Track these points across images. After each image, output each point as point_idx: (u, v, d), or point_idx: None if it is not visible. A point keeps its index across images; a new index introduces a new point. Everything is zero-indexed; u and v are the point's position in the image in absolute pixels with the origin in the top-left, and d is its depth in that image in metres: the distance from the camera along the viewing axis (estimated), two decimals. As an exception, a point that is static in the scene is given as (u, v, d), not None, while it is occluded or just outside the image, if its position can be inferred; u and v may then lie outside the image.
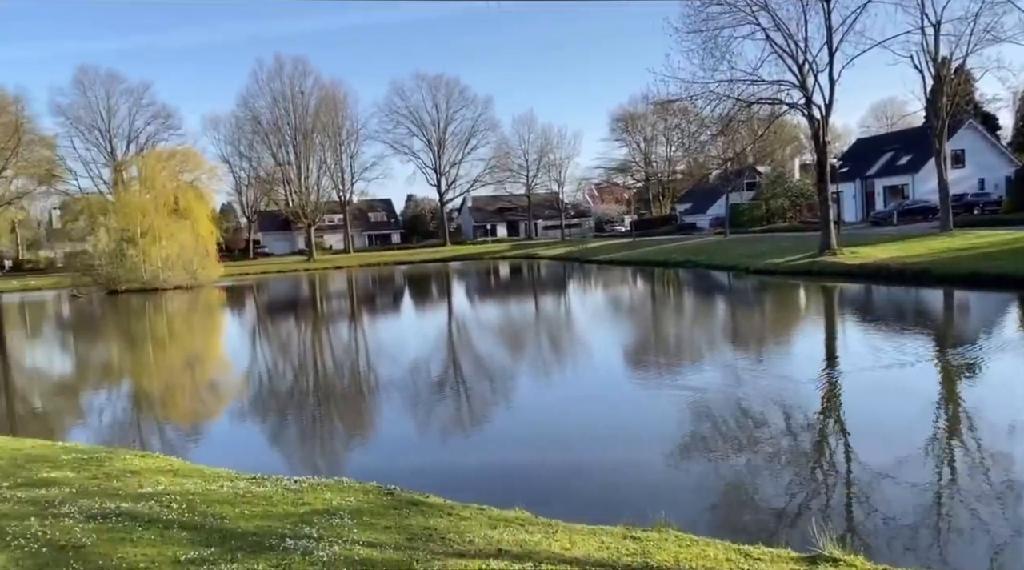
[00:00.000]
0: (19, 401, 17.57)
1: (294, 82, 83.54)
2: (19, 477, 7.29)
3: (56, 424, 14.17)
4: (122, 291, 50.40)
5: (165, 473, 7.74)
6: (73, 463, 8.07)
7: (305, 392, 16.20)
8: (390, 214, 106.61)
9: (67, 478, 7.32)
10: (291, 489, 6.93)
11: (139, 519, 5.72)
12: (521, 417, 12.49)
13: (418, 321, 30.41)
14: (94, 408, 15.96)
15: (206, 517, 5.83)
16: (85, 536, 5.25)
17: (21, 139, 78.62)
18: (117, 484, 7.09)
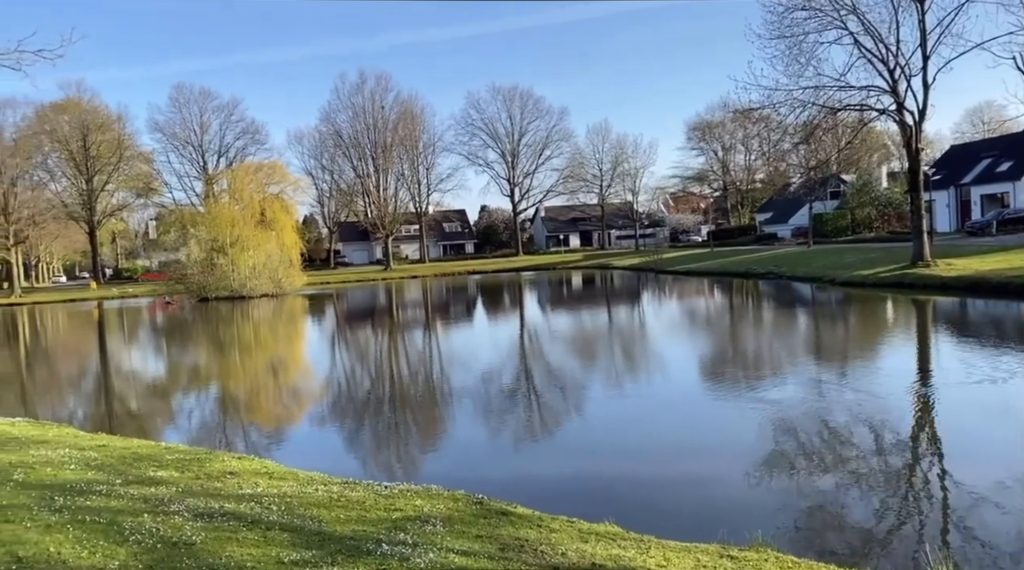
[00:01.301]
0: (118, 402, 18.61)
1: (375, 97, 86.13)
2: (130, 475, 7.70)
3: (151, 425, 14.93)
4: (212, 299, 52.78)
5: (262, 475, 8.02)
6: (177, 463, 8.46)
7: (384, 398, 16.53)
8: (464, 224, 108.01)
9: (172, 477, 7.68)
10: (382, 494, 7.06)
11: (242, 519, 5.94)
12: (598, 427, 12.37)
13: (491, 330, 30.61)
14: (187, 410, 16.75)
15: (304, 520, 6.00)
16: (194, 534, 5.49)
17: (123, 155, 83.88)
18: (218, 485, 7.39)
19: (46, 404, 18.30)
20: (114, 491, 6.85)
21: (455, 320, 35.79)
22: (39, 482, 7.19)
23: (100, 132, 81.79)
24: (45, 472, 7.66)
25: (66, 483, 7.15)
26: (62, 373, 24.94)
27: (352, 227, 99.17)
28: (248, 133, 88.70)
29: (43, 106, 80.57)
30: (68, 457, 8.55)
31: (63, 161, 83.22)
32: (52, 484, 7.11)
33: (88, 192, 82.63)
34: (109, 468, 8.05)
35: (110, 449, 9.36)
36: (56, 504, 6.31)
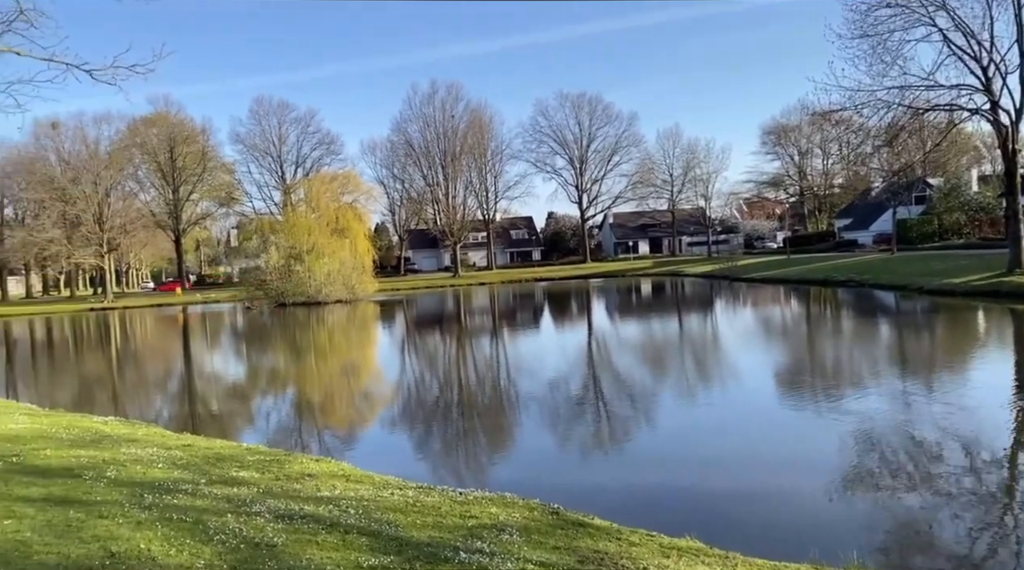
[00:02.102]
0: (200, 403, 19.32)
1: (446, 106, 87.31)
2: (213, 475, 7.91)
3: (232, 425, 15.40)
4: (289, 304, 54.42)
5: (339, 478, 8.11)
6: (257, 464, 8.66)
7: (452, 403, 16.58)
8: (531, 231, 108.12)
9: (253, 478, 7.85)
10: (457, 501, 7.02)
11: (321, 522, 5.99)
12: (671, 437, 12.06)
13: (558, 337, 30.42)
14: (265, 412, 17.24)
15: (381, 524, 6.00)
16: (276, 535, 5.56)
17: (206, 166, 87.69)
18: (297, 486, 7.51)
19: (135, 404, 19.16)
20: (199, 490, 7.03)
21: (522, 327, 35.78)
22: (130, 479, 7.46)
23: (186, 144, 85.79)
24: (135, 470, 7.95)
25: (155, 481, 7.39)
26: (149, 375, 26.12)
27: (421, 234, 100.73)
28: (324, 144, 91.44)
29: (134, 120, 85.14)
30: (156, 456, 8.87)
31: (152, 172, 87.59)
32: (142, 482, 7.36)
33: (174, 202, 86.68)
34: (194, 467, 8.30)
35: (195, 449, 9.66)
36: (146, 501, 6.51)
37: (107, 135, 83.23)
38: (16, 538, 5.44)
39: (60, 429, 10.88)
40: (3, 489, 6.89)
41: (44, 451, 8.79)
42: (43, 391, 21.96)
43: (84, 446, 9.37)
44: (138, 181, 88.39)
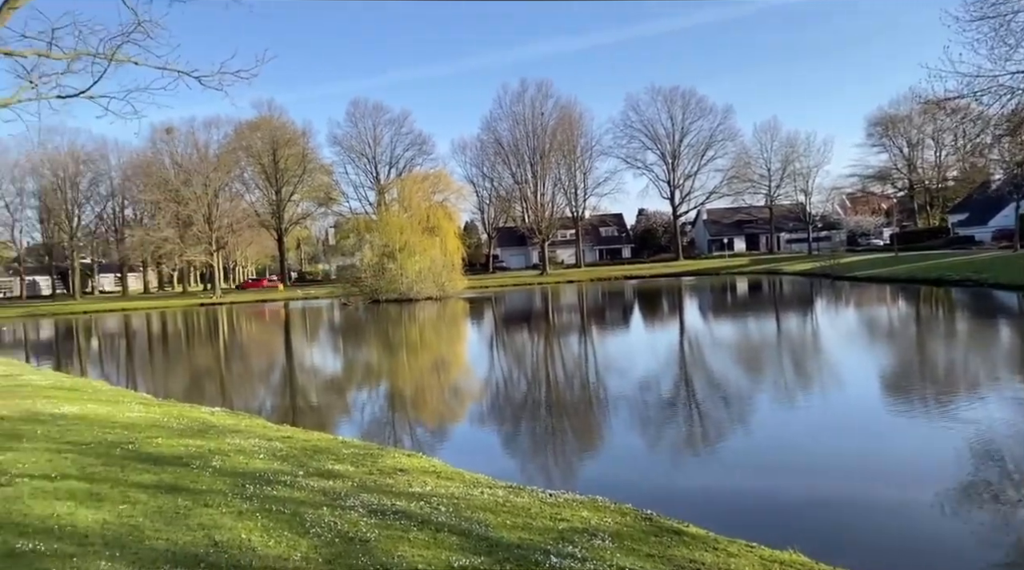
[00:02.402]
0: (299, 395, 20.05)
1: (535, 104, 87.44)
2: (310, 467, 8.13)
3: (328, 418, 15.89)
4: (382, 301, 55.94)
5: (430, 474, 8.17)
6: (352, 457, 8.85)
7: (541, 402, 16.49)
8: (621, 228, 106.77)
9: (348, 471, 8.02)
10: (547, 502, 6.92)
11: (413, 519, 6.02)
12: (768, 442, 11.51)
13: (648, 336, 29.79)
14: (360, 405, 17.70)
15: (472, 523, 5.97)
16: (369, 531, 5.62)
17: (306, 167, 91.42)
18: (390, 481, 7.60)
19: (239, 395, 20.10)
20: (297, 482, 7.23)
21: (611, 325, 35.30)
22: (233, 470, 7.76)
23: (287, 147, 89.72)
24: (239, 460, 8.27)
25: (256, 472, 7.67)
26: (253, 367, 27.38)
27: (510, 232, 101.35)
28: (416, 144, 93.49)
29: (240, 124, 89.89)
30: (258, 447, 9.21)
31: (256, 174, 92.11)
32: (244, 472, 7.64)
33: (277, 202, 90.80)
34: (292, 459, 8.56)
35: (294, 441, 9.98)
36: (247, 492, 6.75)
37: (216, 139, 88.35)
38: (130, 523, 5.73)
39: (171, 418, 11.50)
40: (120, 475, 7.31)
41: (156, 439, 9.30)
42: (157, 381, 23.39)
43: (192, 435, 9.85)
44: (244, 182, 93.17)
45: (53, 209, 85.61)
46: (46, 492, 6.62)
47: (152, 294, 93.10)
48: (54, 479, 7.08)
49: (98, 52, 12.44)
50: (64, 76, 12.97)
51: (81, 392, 14.95)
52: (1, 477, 7.07)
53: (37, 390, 14.65)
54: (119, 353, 35.50)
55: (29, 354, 34.20)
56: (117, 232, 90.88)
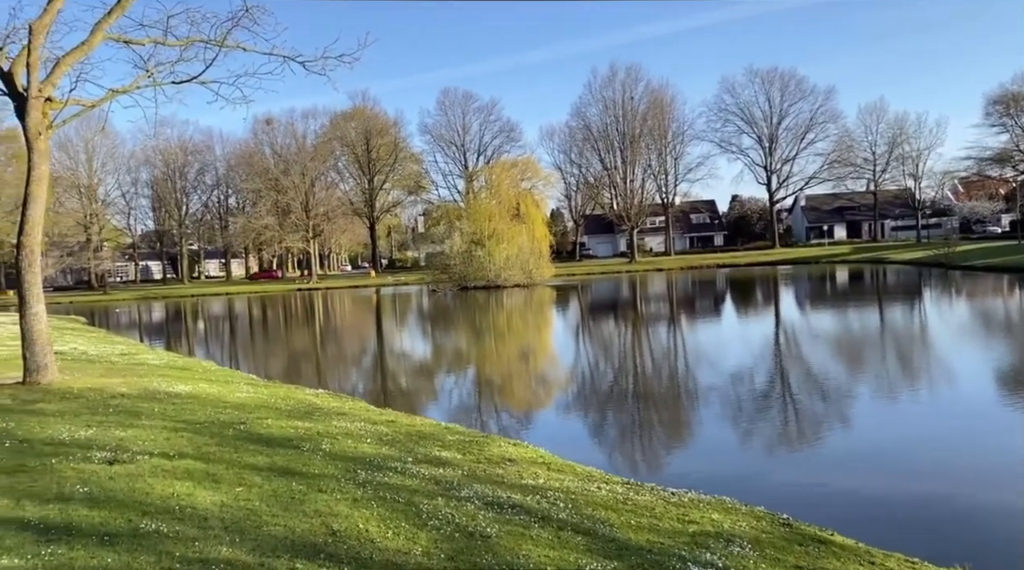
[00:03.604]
0: (394, 378, 20.20)
1: (626, 88, 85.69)
2: (418, 453, 7.93)
3: (424, 402, 15.86)
4: (471, 288, 56.31)
5: (539, 465, 7.82)
6: (458, 444, 8.62)
7: (638, 393, 15.88)
8: (713, 215, 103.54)
9: (456, 459, 7.77)
10: (671, 502, 6.43)
11: (532, 514, 5.68)
12: (890, 443, 10.55)
13: (741, 327, 28.45)
14: (454, 390, 17.61)
15: (595, 522, 5.57)
16: (488, 526, 5.31)
17: (398, 156, 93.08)
18: (500, 471, 7.30)
19: (337, 377, 20.46)
20: (407, 469, 7.03)
21: (703, 315, 34.03)
22: (343, 454, 7.66)
23: (380, 136, 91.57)
24: (347, 444, 8.17)
25: (365, 457, 7.53)
26: (350, 350, 27.95)
27: (597, 220, 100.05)
28: (504, 131, 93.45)
29: (336, 115, 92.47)
30: (364, 430, 9.12)
31: (350, 163, 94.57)
32: (354, 457, 7.52)
33: (369, 191, 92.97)
34: (399, 444, 8.41)
35: (398, 425, 9.86)
36: (359, 478, 6.59)
37: (313, 129, 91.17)
38: (247, 507, 5.65)
39: (278, 399, 11.66)
40: (234, 456, 7.32)
41: (266, 420, 9.36)
42: (260, 362, 24.16)
43: (300, 417, 9.89)
44: (338, 172, 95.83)
45: (164, 198, 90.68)
46: (165, 471, 6.67)
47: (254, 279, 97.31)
48: (172, 458, 7.15)
49: (210, 39, 12.70)
50: (177, 64, 13.33)
51: (192, 372, 15.49)
52: (123, 454, 7.21)
53: (152, 369, 15.28)
54: (223, 335, 37.12)
55: (143, 334, 36.23)
56: (221, 220, 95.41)
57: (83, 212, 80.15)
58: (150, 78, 13.29)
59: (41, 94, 10.94)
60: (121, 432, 8.28)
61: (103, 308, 61.26)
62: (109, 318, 49.30)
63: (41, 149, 11.02)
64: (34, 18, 10.89)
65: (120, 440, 7.86)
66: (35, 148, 10.97)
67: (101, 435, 8.11)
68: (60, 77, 11.27)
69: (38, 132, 10.98)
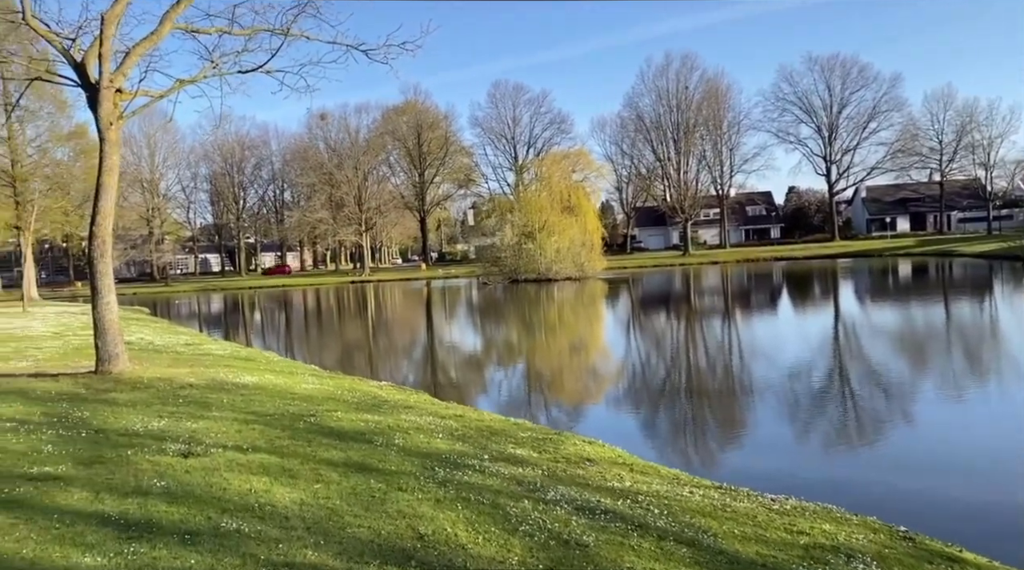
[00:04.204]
0: (455, 371, 19.98)
1: (680, 78, 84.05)
2: (492, 450, 7.62)
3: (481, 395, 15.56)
4: (521, 280, 55.99)
5: (620, 466, 7.42)
6: (531, 442, 8.27)
7: (706, 390, 15.24)
8: (770, 207, 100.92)
9: (532, 457, 7.43)
10: (773, 510, 5.96)
11: (627, 521, 5.29)
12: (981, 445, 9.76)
13: (805, 321, 27.31)
14: (511, 384, 17.28)
15: (696, 531, 5.15)
16: (583, 533, 4.95)
17: (448, 150, 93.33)
18: (580, 472, 6.93)
19: (395, 369, 20.34)
20: (485, 467, 6.71)
21: (762, 309, 32.93)
22: (416, 449, 7.39)
23: (431, 130, 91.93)
24: (419, 439, 7.91)
25: (440, 453, 7.25)
26: (404, 343, 27.90)
27: (648, 212, 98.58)
28: (555, 123, 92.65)
29: (387, 109, 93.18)
30: (434, 425, 8.86)
31: (401, 157, 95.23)
32: (428, 453, 7.24)
33: (420, 184, 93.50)
34: (471, 440, 8.11)
35: (466, 420, 9.58)
36: (438, 475, 6.30)
37: (365, 124, 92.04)
38: (327, 505, 5.40)
39: (344, 391, 11.51)
40: (308, 450, 7.12)
41: (336, 413, 9.18)
42: (317, 353, 24.28)
43: (368, 410, 9.69)
44: (390, 166, 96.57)
45: (222, 192, 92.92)
46: (240, 465, 6.49)
47: (307, 272, 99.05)
48: (246, 451, 6.99)
49: (275, 28, 12.60)
50: (241, 55, 13.28)
51: (256, 363, 15.53)
52: (197, 446, 7.08)
53: (217, 359, 15.37)
54: (281, 326, 37.62)
55: (202, 325, 37.00)
56: (277, 213, 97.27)
57: (145, 206, 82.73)
58: (215, 68, 13.29)
59: (112, 84, 10.98)
60: (193, 424, 8.19)
61: (164, 299, 63.03)
62: (170, 309, 50.62)
63: (112, 139, 11.07)
64: (106, 9, 10.92)
65: (193, 432, 7.76)
66: (106, 138, 11.02)
67: (174, 426, 8.03)
68: (130, 67, 11.30)
69: (109, 122, 11.02)
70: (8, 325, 24.67)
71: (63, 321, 26.88)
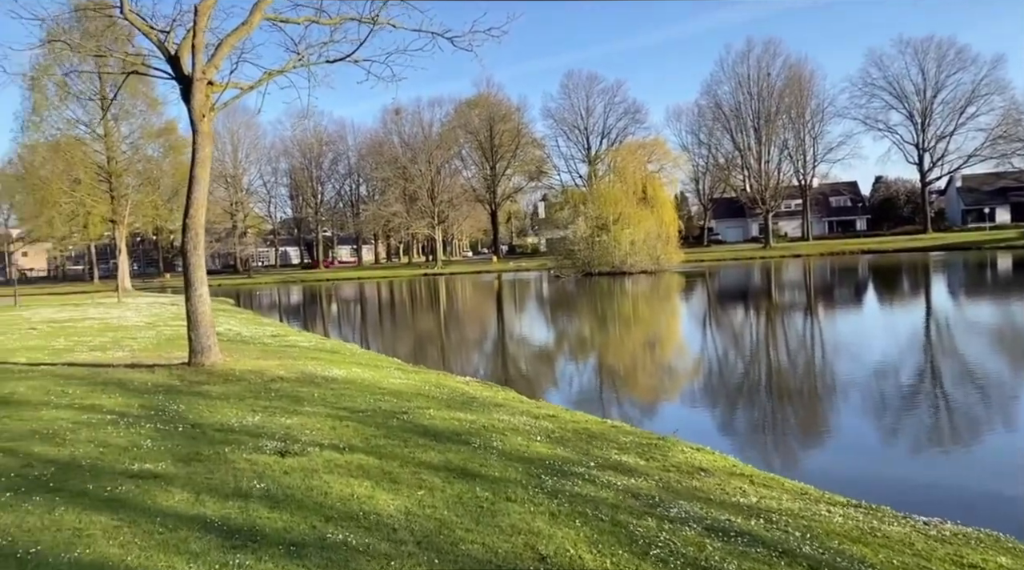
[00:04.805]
0: (530, 367, 19.53)
1: (761, 64, 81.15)
2: (595, 456, 7.12)
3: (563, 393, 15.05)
4: (595, 274, 55.17)
5: (738, 477, 6.81)
6: (635, 447, 7.73)
7: (812, 393, 14.30)
8: (855, 198, 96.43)
9: (639, 465, 6.91)
10: (930, 535, 5.25)
11: (769, 546, 4.70)
12: None
13: (912, 319, 25.58)
14: (594, 381, 16.70)
15: (851, 562, 4.52)
16: (723, 560, 4.40)
17: (520, 142, 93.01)
18: (696, 484, 6.37)
19: (474, 363, 20.05)
20: (594, 476, 6.23)
21: (860, 305, 31.13)
22: (517, 453, 6.97)
23: (503, 122, 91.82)
24: (517, 442, 7.49)
25: (542, 458, 6.80)
26: (483, 336, 27.66)
27: (726, 203, 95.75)
28: (629, 113, 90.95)
29: (460, 103, 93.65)
30: (528, 426, 8.43)
31: (473, 150, 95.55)
32: (530, 458, 6.81)
33: (492, 177, 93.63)
34: (571, 444, 7.63)
35: (560, 420, 9.12)
36: (546, 485, 5.86)
37: (438, 117, 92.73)
38: (435, 516, 5.03)
39: (431, 387, 11.24)
40: (405, 451, 6.80)
41: (428, 411, 8.87)
42: (398, 345, 24.29)
43: (458, 408, 9.36)
44: (462, 159, 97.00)
45: (301, 186, 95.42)
46: (338, 466, 6.21)
47: (381, 264, 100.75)
48: (343, 451, 6.72)
49: (362, 17, 12.40)
50: (326, 46, 13.16)
51: (341, 355, 15.50)
52: (293, 444, 6.86)
53: (304, 351, 15.40)
54: (358, 318, 38.10)
55: (284, 316, 37.84)
56: (353, 207, 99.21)
57: (229, 200, 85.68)
58: (300, 60, 13.21)
59: (204, 76, 10.99)
60: (287, 419, 8.02)
61: (247, 291, 65.13)
62: (252, 300, 52.18)
63: (204, 131, 11.09)
64: (199, 1, 10.92)
65: (287, 428, 7.57)
66: (199, 130, 11.05)
67: (268, 422, 7.87)
68: (222, 58, 11.30)
69: (202, 114, 11.04)
70: (106, 315, 25.72)
71: (155, 312, 27.87)
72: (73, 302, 39.72)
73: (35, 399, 9.16)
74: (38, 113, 46.66)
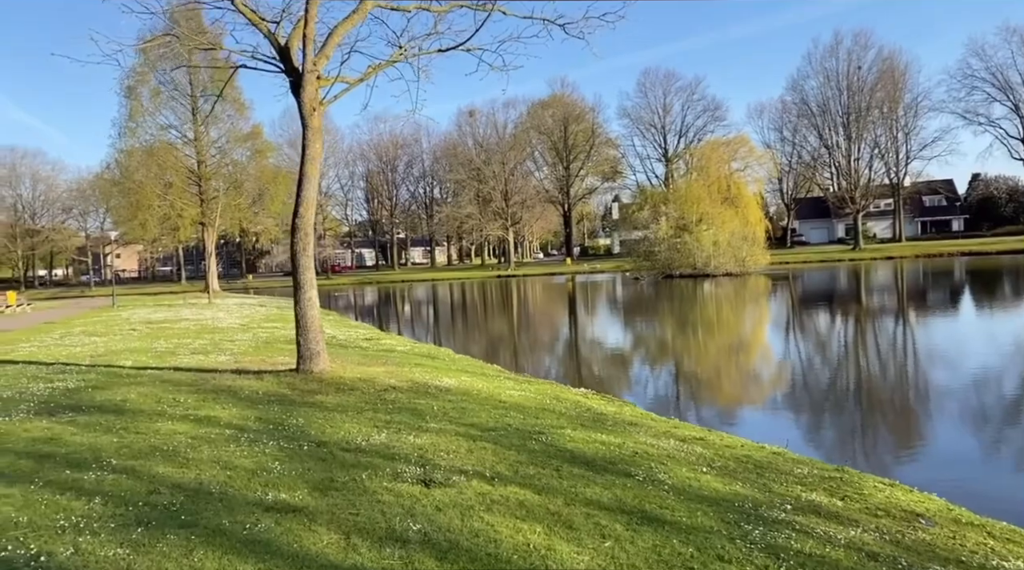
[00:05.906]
0: (634, 376, 18.39)
1: (852, 57, 77.18)
2: (779, 494, 6.04)
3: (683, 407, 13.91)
4: (676, 275, 53.39)
5: (969, 527, 5.61)
6: (818, 483, 6.60)
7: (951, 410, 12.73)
8: (951, 197, 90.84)
9: (839, 508, 5.80)
10: None
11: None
12: None
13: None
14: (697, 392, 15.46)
15: None
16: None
17: (594, 142, 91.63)
18: (926, 537, 5.22)
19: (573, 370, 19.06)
20: (801, 525, 5.16)
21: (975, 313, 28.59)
22: (692, 491, 5.96)
23: (577, 122, 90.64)
24: (682, 473, 6.48)
25: (723, 498, 5.78)
26: (571, 341, 26.64)
27: (810, 203, 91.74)
28: (708, 111, 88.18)
29: (533, 104, 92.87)
30: (680, 451, 7.42)
31: (546, 151, 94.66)
32: (710, 497, 5.80)
33: (565, 178, 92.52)
34: (742, 477, 6.57)
35: (712, 445, 8.05)
36: (754, 538, 4.83)
37: (512, 119, 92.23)
38: (643, 580, 4.09)
39: (551, 400, 10.34)
40: (562, 484, 5.89)
41: (563, 431, 7.96)
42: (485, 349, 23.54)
43: (592, 427, 8.41)
44: (534, 160, 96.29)
45: (376, 189, 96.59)
46: (495, 503, 5.36)
47: (454, 266, 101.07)
48: (492, 481, 5.87)
49: (474, 4, 11.65)
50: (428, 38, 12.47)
51: (442, 360, 14.82)
52: (435, 471, 6.06)
53: (403, 357, 14.78)
54: (438, 320, 37.68)
55: (362, 316, 37.75)
56: (427, 209, 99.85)
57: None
58: (403, 52, 12.57)
59: (315, 68, 10.42)
60: (415, 438, 7.24)
61: (326, 292, 66.02)
62: (331, 301, 52.68)
63: (315, 126, 10.52)
64: (310, -11, 10.36)
65: (420, 450, 6.79)
66: (309, 125, 10.49)
67: (396, 441, 7.11)
68: (332, 49, 10.73)
69: (312, 108, 10.49)
70: (200, 316, 25.97)
71: (246, 313, 28.04)
72: (166, 303, 40.82)
73: (148, 408, 8.72)
74: (134, 119, 48.41)
